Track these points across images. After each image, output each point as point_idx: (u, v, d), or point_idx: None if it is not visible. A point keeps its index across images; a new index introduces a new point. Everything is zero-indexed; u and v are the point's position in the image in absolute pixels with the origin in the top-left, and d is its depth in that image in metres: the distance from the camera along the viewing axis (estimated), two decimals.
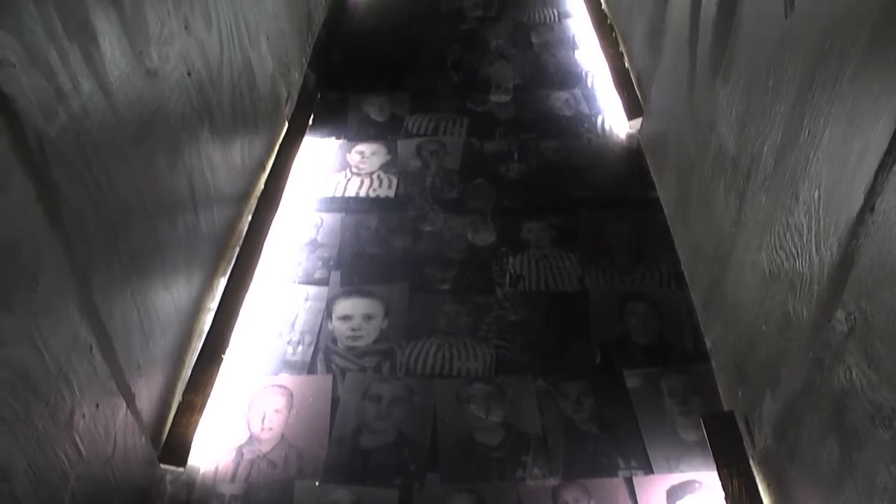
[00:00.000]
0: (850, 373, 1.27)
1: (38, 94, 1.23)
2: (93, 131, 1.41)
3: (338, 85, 3.22)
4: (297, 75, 3.04)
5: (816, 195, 1.39)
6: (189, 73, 1.89)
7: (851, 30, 1.29)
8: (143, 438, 1.70)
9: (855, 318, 1.25)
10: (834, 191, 1.33)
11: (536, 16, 3.74)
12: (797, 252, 1.48)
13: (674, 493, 1.83)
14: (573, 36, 3.55)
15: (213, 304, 2.13)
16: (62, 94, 1.31)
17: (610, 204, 2.62)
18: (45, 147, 1.25)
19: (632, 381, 2.07)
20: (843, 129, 1.30)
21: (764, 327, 1.67)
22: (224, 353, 2.06)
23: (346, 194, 2.65)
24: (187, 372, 1.97)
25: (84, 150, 1.38)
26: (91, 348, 1.43)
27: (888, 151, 1.13)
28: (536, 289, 2.32)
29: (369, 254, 2.44)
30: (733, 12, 1.87)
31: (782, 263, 1.56)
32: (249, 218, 2.42)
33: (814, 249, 1.40)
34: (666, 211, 2.52)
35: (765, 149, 1.65)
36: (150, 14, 1.67)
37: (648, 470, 1.87)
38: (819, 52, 1.41)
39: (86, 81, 1.38)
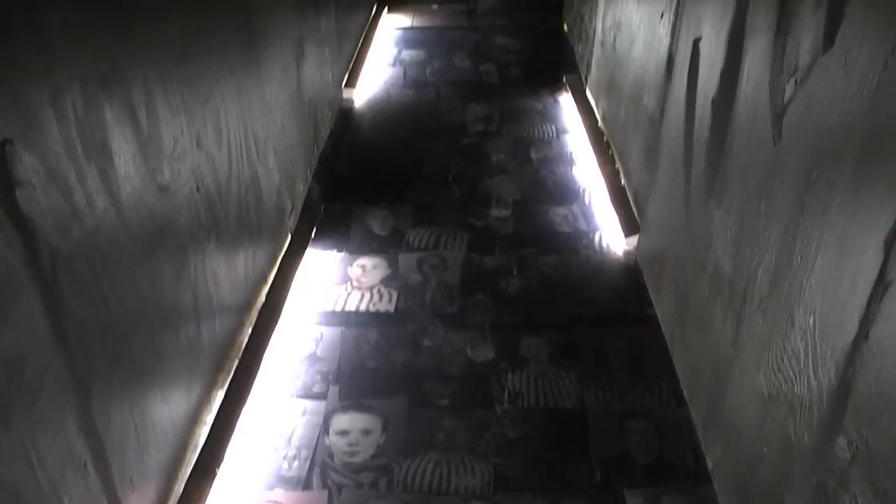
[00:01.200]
0: (856, 502, 1.25)
1: (55, 212, 1.27)
2: (103, 247, 1.45)
3: (341, 197, 3.30)
4: (301, 187, 3.12)
5: (811, 321, 1.41)
6: (198, 189, 1.94)
7: (835, 162, 1.35)
8: None
9: (857, 445, 1.25)
10: (828, 316, 1.35)
11: (535, 131, 3.88)
12: (795, 376, 1.48)
13: None
14: (571, 152, 3.66)
15: (210, 417, 2.11)
16: (77, 211, 1.35)
17: (608, 320, 2.64)
18: (56, 264, 1.28)
19: (632, 500, 2.03)
20: (835, 256, 1.34)
21: (765, 449, 1.65)
22: (218, 466, 2.02)
23: (347, 308, 2.67)
24: (180, 486, 1.93)
25: (94, 266, 1.41)
26: (86, 464, 1.41)
27: (878, 282, 1.16)
28: (535, 405, 2.31)
29: (368, 368, 2.43)
30: (724, 136, 1.95)
31: (781, 386, 1.56)
32: (250, 330, 2.43)
33: (811, 374, 1.41)
34: (664, 328, 2.54)
35: (760, 271, 1.68)
36: (164, 132, 1.73)
37: None
38: (807, 180, 1.46)
39: (100, 199, 1.43)
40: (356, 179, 3.47)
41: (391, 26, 5.29)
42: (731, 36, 1.91)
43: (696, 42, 2.20)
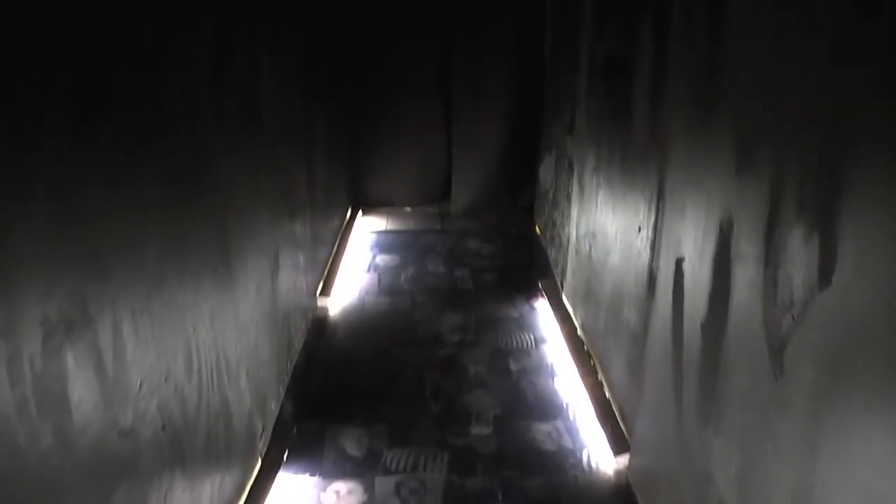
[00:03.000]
0: None
1: None
2: None
3: (314, 414, 3.14)
4: (273, 406, 2.97)
5: None
6: (164, 428, 1.80)
7: (847, 406, 1.27)
8: None
9: None
10: None
11: (513, 341, 3.81)
12: None
13: None
14: (550, 363, 3.57)
15: None
16: (24, 473, 1.21)
17: None
18: None
19: None
20: None
21: None
22: None
23: None
24: None
25: None
26: None
27: None
28: None
29: None
30: (717, 363, 1.88)
31: None
32: None
33: None
34: None
35: None
36: (131, 372, 1.62)
37: None
38: (817, 421, 1.38)
39: (54, 456, 1.29)
40: (330, 395, 3.33)
41: (366, 229, 5.37)
42: (716, 261, 1.90)
43: (679, 262, 2.19)
